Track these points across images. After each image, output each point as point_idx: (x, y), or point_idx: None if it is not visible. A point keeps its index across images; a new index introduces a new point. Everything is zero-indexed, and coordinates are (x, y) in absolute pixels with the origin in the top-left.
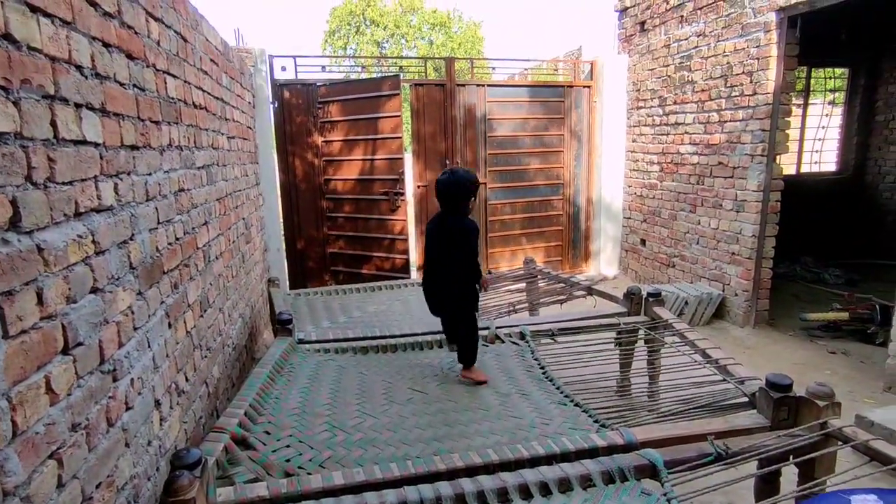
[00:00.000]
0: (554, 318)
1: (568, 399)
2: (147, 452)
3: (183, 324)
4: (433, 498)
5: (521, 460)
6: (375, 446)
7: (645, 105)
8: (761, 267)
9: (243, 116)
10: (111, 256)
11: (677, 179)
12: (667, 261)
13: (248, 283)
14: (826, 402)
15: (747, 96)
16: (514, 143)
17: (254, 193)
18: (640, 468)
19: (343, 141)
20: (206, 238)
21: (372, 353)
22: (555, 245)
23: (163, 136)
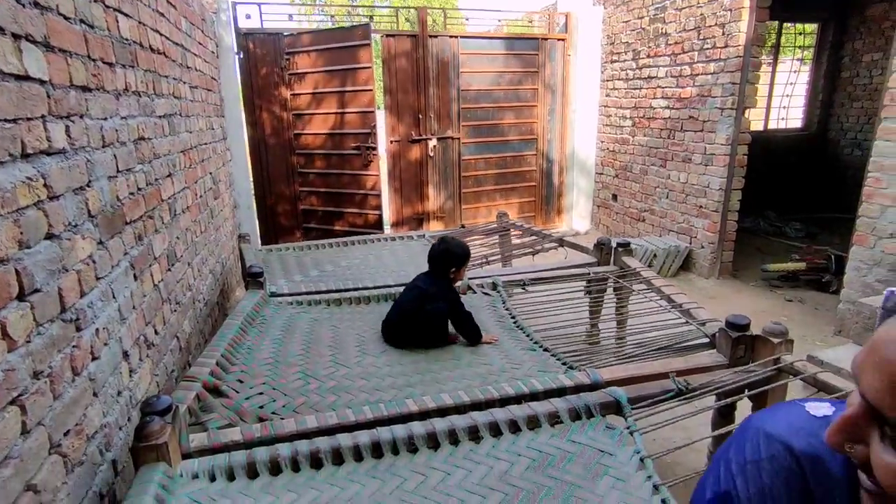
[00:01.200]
0: (526, 269)
1: (537, 345)
2: (117, 402)
3: (150, 276)
4: (405, 437)
5: (492, 401)
6: (349, 393)
7: (619, 59)
8: (727, 220)
9: (206, 66)
10: (67, 202)
11: (649, 134)
12: (637, 215)
13: (218, 240)
14: (780, 340)
15: (719, 49)
16: (487, 97)
17: (221, 148)
18: (605, 405)
19: (312, 94)
20: (171, 190)
21: (345, 306)
22: (528, 201)
23: (117, 79)
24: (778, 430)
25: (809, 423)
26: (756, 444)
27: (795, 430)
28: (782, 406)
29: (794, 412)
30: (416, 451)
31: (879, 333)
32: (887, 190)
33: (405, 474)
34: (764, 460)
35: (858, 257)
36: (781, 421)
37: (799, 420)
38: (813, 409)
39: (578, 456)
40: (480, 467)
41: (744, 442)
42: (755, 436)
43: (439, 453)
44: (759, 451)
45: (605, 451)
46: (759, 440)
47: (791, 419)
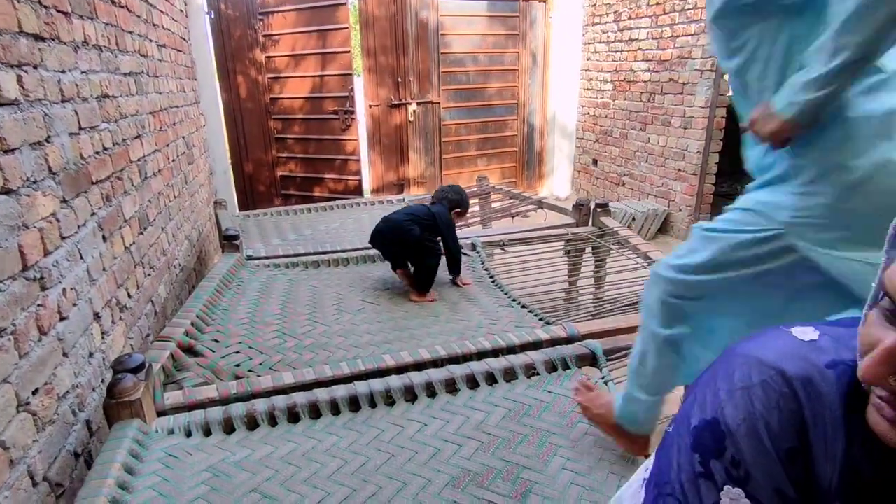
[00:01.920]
0: (505, 230)
1: (515, 302)
2: (90, 364)
3: (120, 239)
4: (383, 391)
5: (469, 355)
6: (326, 350)
7: (600, 21)
8: (704, 182)
9: (175, 25)
10: (23, 156)
11: (629, 98)
12: (617, 180)
13: (194, 206)
14: None
15: (700, 9)
16: (468, 61)
17: (194, 112)
18: (581, 357)
19: (288, 56)
20: (141, 152)
21: (323, 268)
22: (510, 166)
23: (75, 30)
24: (768, 356)
25: (798, 348)
26: (746, 371)
27: (786, 354)
28: (767, 333)
29: (781, 338)
30: (393, 403)
31: None
32: None
33: (382, 426)
34: (755, 386)
35: None
36: (770, 347)
37: (787, 345)
38: (799, 334)
39: (554, 405)
40: (457, 417)
41: (731, 370)
42: (745, 363)
43: (416, 405)
44: (750, 377)
45: None
46: (750, 367)
47: (779, 345)
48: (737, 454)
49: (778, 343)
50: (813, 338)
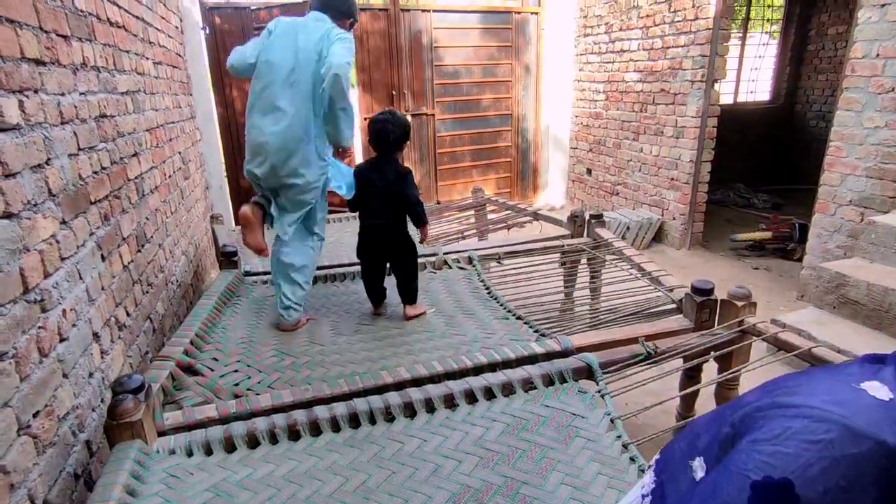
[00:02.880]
0: (501, 242)
1: (510, 313)
2: (89, 384)
3: (118, 257)
4: (382, 407)
5: (466, 370)
6: (323, 367)
7: (592, 32)
8: (697, 191)
9: (171, 42)
10: (24, 180)
11: (622, 108)
12: (611, 189)
13: (190, 221)
14: (743, 303)
15: (689, 21)
16: (462, 73)
17: (189, 127)
18: (577, 370)
19: None
20: (138, 170)
21: (320, 284)
22: (504, 177)
23: (74, 53)
24: (858, 421)
25: (884, 410)
26: (835, 437)
27: (876, 420)
28: (836, 385)
29: (860, 396)
30: (392, 419)
31: None
32: (847, 159)
33: (382, 442)
34: (849, 457)
35: (820, 224)
36: (853, 408)
37: (873, 407)
38: (873, 391)
39: (551, 419)
40: (456, 433)
41: (812, 432)
42: (831, 428)
43: (416, 421)
44: (843, 447)
45: (577, 413)
46: (841, 433)
47: (863, 406)
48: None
49: (862, 404)
50: (892, 396)
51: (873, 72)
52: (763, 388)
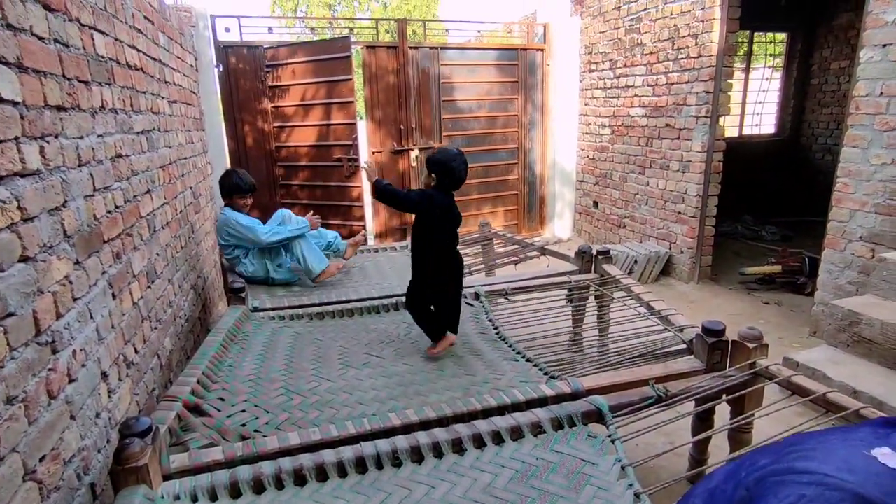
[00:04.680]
0: (508, 278)
1: (519, 355)
2: (96, 425)
3: (129, 295)
4: (389, 452)
5: (474, 412)
6: (332, 407)
7: (597, 68)
8: (705, 225)
9: (185, 80)
10: (41, 224)
11: (627, 142)
12: (618, 222)
13: (200, 254)
14: (755, 345)
15: (693, 58)
16: (469, 108)
17: (201, 161)
18: (587, 413)
19: (294, 106)
20: (151, 207)
21: (328, 319)
22: (511, 209)
23: (94, 97)
24: (872, 492)
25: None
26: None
27: (890, 490)
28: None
29: (870, 464)
30: (400, 465)
31: None
32: (855, 195)
33: (389, 489)
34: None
35: (830, 260)
36: (868, 479)
37: (884, 476)
38: (884, 459)
39: (561, 466)
40: (464, 479)
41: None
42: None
43: (423, 466)
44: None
45: (587, 460)
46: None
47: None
48: None
49: (871, 471)
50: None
51: (878, 110)
52: (778, 448)
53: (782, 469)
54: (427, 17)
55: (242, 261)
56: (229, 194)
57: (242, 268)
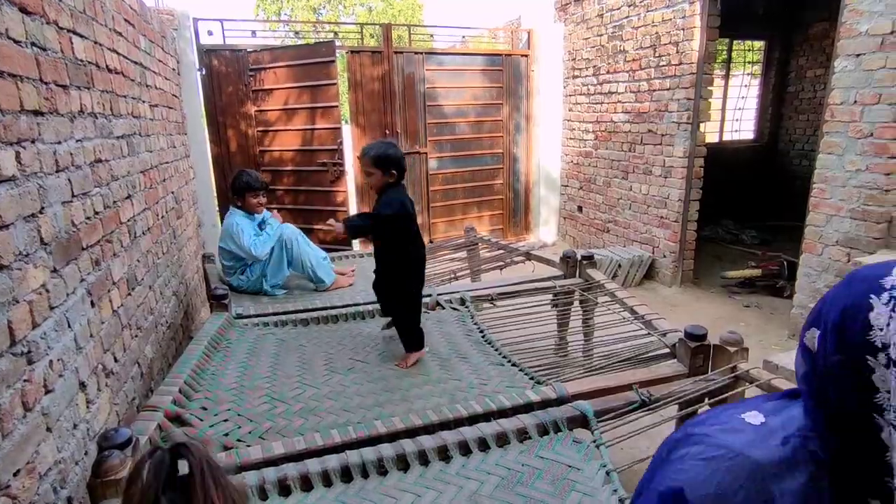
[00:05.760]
0: (494, 283)
1: (505, 359)
2: (73, 436)
3: (108, 302)
4: (375, 460)
5: (460, 419)
6: (316, 415)
7: (580, 74)
8: (686, 229)
9: (167, 84)
10: (17, 231)
11: (611, 147)
12: (602, 226)
13: (181, 260)
14: (735, 349)
15: (674, 66)
16: (454, 113)
17: (183, 166)
18: (571, 419)
19: (278, 111)
20: (131, 212)
21: (313, 325)
22: (497, 214)
23: (72, 101)
24: (736, 443)
25: (758, 434)
26: (715, 455)
27: (751, 442)
28: (721, 418)
29: (741, 426)
30: (385, 473)
31: None
32: (831, 200)
33: (375, 497)
34: (729, 471)
35: (808, 264)
36: (735, 434)
37: (748, 432)
38: (750, 419)
39: (546, 472)
40: (450, 487)
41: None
42: (713, 449)
43: (409, 475)
44: (720, 462)
45: (572, 465)
46: (718, 452)
47: (741, 432)
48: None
49: (739, 430)
50: (764, 421)
51: (852, 117)
52: (685, 423)
53: (681, 436)
54: (412, 22)
55: (239, 277)
56: (241, 194)
57: (236, 281)
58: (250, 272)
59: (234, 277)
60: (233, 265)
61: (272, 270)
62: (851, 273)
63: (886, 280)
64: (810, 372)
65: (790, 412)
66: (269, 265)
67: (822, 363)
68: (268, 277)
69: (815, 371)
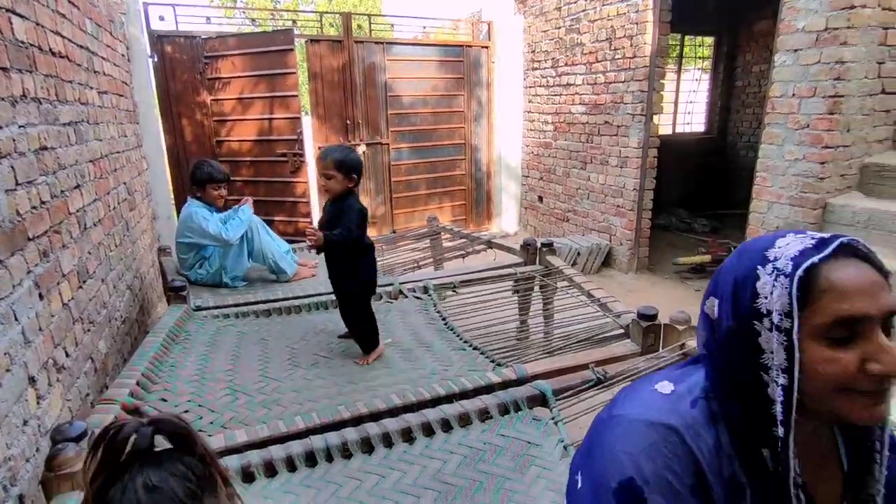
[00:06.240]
0: (456, 271)
1: (467, 345)
2: (23, 433)
3: (58, 295)
4: (339, 444)
5: (423, 402)
6: (280, 405)
7: (539, 66)
8: (641, 218)
9: (116, 70)
10: None
11: (569, 138)
12: (562, 216)
13: (136, 253)
14: (684, 327)
15: (628, 59)
16: (415, 104)
17: (136, 156)
18: (531, 398)
19: (235, 100)
20: (80, 203)
21: (275, 316)
22: (459, 204)
23: (13, 85)
24: (654, 416)
25: (668, 402)
26: (642, 432)
27: (664, 410)
28: (638, 393)
29: (653, 397)
30: (350, 456)
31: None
32: (772, 188)
33: (340, 480)
34: (657, 443)
35: None
36: (649, 407)
37: (660, 402)
38: (662, 389)
39: (507, 449)
40: (414, 467)
41: (628, 434)
42: (638, 426)
43: (374, 457)
44: (649, 437)
45: (531, 442)
46: (644, 428)
47: (655, 403)
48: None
49: (653, 402)
50: (673, 389)
51: (790, 109)
52: (609, 404)
53: (604, 418)
54: (372, 11)
55: (198, 270)
56: (202, 184)
57: (194, 275)
58: (209, 265)
59: (193, 271)
60: (191, 258)
61: (232, 262)
62: (742, 245)
63: (770, 252)
64: (710, 338)
65: (695, 377)
66: (229, 257)
67: (720, 330)
68: (228, 269)
69: (715, 337)
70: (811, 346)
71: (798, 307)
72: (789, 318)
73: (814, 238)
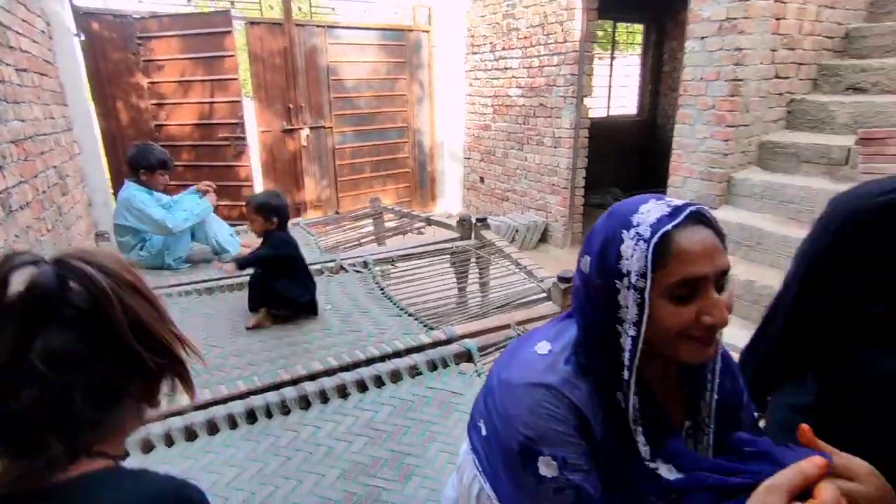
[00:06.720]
0: (396, 248)
1: (403, 311)
2: None
3: None
4: (278, 402)
5: (359, 362)
6: (222, 371)
7: (479, 50)
8: (575, 195)
9: (36, 47)
10: None
11: (507, 120)
12: (502, 195)
13: (70, 239)
14: None
15: (560, 43)
16: (358, 87)
17: (65, 139)
18: (458, 355)
19: (173, 83)
20: (3, 184)
21: (218, 293)
22: (404, 187)
23: None
24: (534, 377)
25: (545, 360)
26: (526, 393)
27: (542, 370)
28: (519, 358)
29: (533, 360)
30: (288, 412)
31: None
32: (686, 164)
33: (278, 433)
34: (540, 401)
35: None
36: (530, 370)
37: (539, 362)
38: (540, 349)
39: (434, 399)
40: (348, 418)
41: (517, 397)
42: (521, 389)
43: (310, 411)
44: (532, 396)
45: (456, 392)
46: (528, 390)
47: (534, 365)
48: (552, 451)
49: (533, 364)
50: (550, 349)
51: (699, 92)
52: (495, 364)
53: (492, 384)
54: None
55: (138, 252)
56: (151, 169)
57: (135, 256)
58: (150, 246)
59: (133, 252)
60: (130, 241)
61: (175, 243)
62: (611, 208)
63: (634, 217)
64: (582, 292)
65: (569, 334)
66: (172, 238)
67: (590, 285)
68: (170, 251)
69: (586, 292)
70: (659, 302)
71: (652, 269)
72: (644, 279)
73: (669, 206)
